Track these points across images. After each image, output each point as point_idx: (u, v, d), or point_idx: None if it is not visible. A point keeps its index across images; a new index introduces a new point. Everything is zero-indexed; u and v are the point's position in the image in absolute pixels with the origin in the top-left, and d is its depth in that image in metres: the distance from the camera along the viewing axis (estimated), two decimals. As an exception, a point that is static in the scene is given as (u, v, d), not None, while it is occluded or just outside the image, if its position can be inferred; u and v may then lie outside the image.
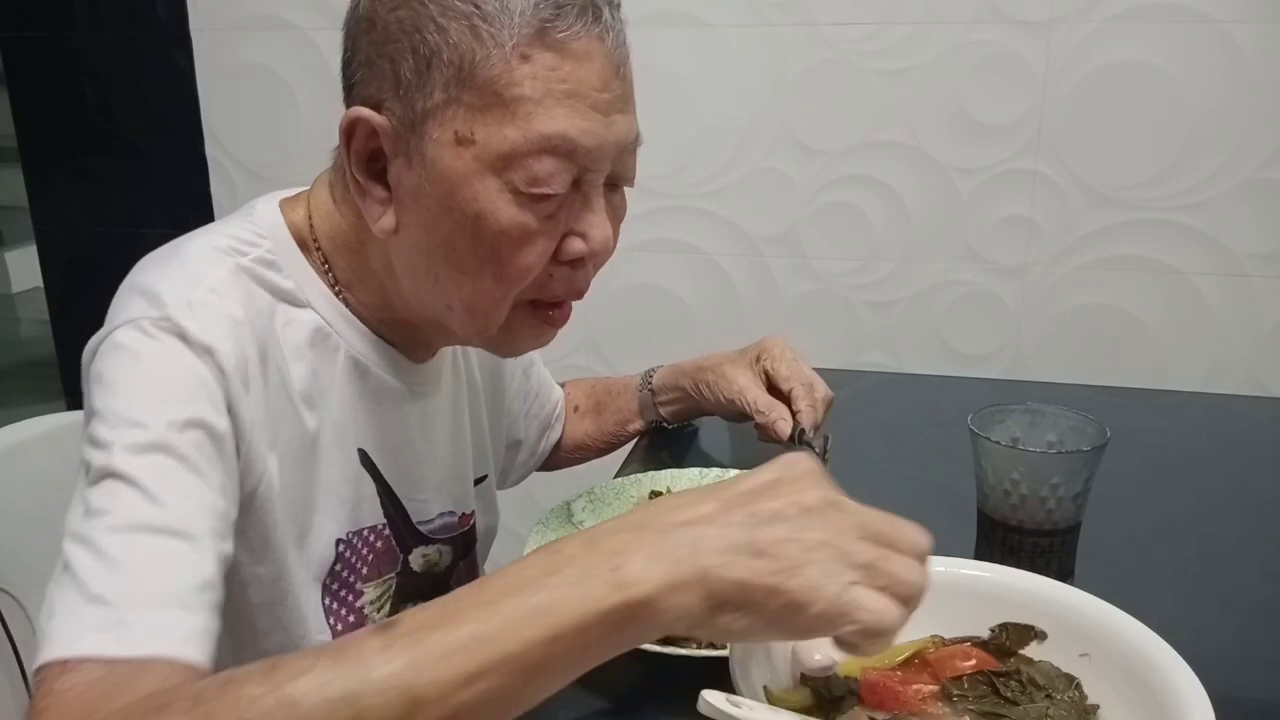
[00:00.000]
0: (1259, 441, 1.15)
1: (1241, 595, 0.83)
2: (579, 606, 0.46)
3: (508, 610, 0.46)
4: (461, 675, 0.45)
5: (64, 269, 2.04)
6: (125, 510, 0.57)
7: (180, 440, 0.60)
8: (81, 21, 1.88)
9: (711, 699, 0.52)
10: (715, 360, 1.04)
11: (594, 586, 0.46)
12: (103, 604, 0.53)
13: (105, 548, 0.55)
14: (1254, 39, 1.45)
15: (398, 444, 0.80)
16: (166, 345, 0.63)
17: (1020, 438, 0.85)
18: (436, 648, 0.45)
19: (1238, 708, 0.56)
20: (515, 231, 0.67)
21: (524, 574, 0.47)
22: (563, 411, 1.11)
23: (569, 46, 0.65)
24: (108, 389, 0.62)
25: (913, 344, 1.70)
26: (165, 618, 0.54)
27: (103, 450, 0.59)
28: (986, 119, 1.57)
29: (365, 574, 0.79)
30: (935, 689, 0.61)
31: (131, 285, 0.67)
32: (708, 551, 0.47)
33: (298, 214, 0.75)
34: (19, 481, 0.94)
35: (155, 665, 0.52)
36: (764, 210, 1.69)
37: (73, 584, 0.54)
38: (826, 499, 0.50)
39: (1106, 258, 1.59)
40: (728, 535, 0.47)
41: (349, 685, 0.44)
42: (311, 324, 0.73)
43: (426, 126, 0.66)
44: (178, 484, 0.59)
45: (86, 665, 0.51)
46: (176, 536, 0.57)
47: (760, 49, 1.61)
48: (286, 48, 1.79)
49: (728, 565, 0.47)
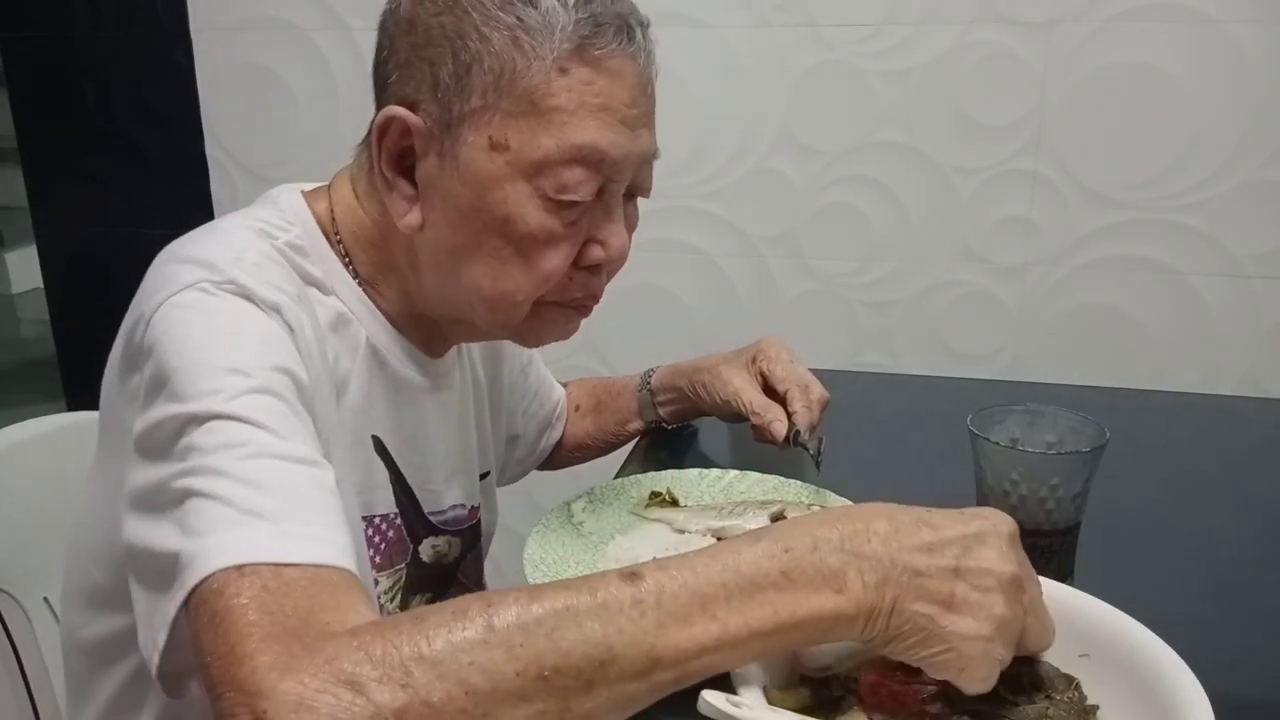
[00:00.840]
0: (1259, 441, 1.15)
1: (1241, 595, 0.83)
2: (801, 611, 0.52)
3: (742, 595, 0.51)
4: (696, 646, 0.50)
5: (64, 269, 2.03)
6: (251, 442, 0.57)
7: (279, 384, 0.61)
8: (81, 21, 1.89)
9: (711, 699, 0.52)
10: (712, 361, 1.04)
11: (817, 600, 0.52)
12: (258, 517, 0.53)
13: (242, 473, 0.55)
14: (1254, 39, 1.45)
15: (412, 434, 0.81)
16: (235, 303, 0.64)
17: (1019, 438, 0.85)
18: (681, 616, 0.50)
19: (1238, 708, 0.56)
20: (542, 235, 0.69)
21: (760, 564, 0.52)
22: (564, 411, 1.11)
23: (605, 63, 0.67)
24: (183, 346, 0.61)
25: (912, 344, 1.70)
26: (322, 531, 0.54)
27: (199, 399, 0.58)
28: (986, 119, 1.57)
29: (378, 563, 0.80)
30: (935, 689, 0.61)
31: (175, 257, 0.67)
32: (911, 593, 0.53)
33: (320, 206, 0.76)
34: (19, 481, 0.94)
35: (327, 573, 0.52)
36: (763, 210, 1.69)
37: (215, 504, 0.54)
38: (1017, 577, 0.55)
39: (1106, 258, 1.59)
40: (932, 586, 0.53)
41: (606, 631, 0.49)
42: (336, 310, 0.74)
43: (462, 129, 0.68)
44: (289, 423, 0.60)
45: (264, 570, 0.51)
46: (306, 463, 0.58)
47: (760, 49, 1.61)
48: (286, 48, 1.79)
49: (921, 614, 0.53)
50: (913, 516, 0.55)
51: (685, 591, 0.51)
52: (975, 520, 0.56)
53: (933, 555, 0.54)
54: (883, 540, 0.54)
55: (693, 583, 0.51)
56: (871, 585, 0.52)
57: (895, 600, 0.53)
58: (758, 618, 0.51)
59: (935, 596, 0.53)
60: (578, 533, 0.88)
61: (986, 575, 0.54)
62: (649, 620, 0.50)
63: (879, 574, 0.53)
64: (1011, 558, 0.55)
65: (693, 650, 0.50)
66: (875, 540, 0.54)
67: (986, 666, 0.54)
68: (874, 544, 0.53)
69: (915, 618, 0.53)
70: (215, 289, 0.64)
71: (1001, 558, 0.55)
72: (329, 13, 1.75)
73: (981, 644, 0.53)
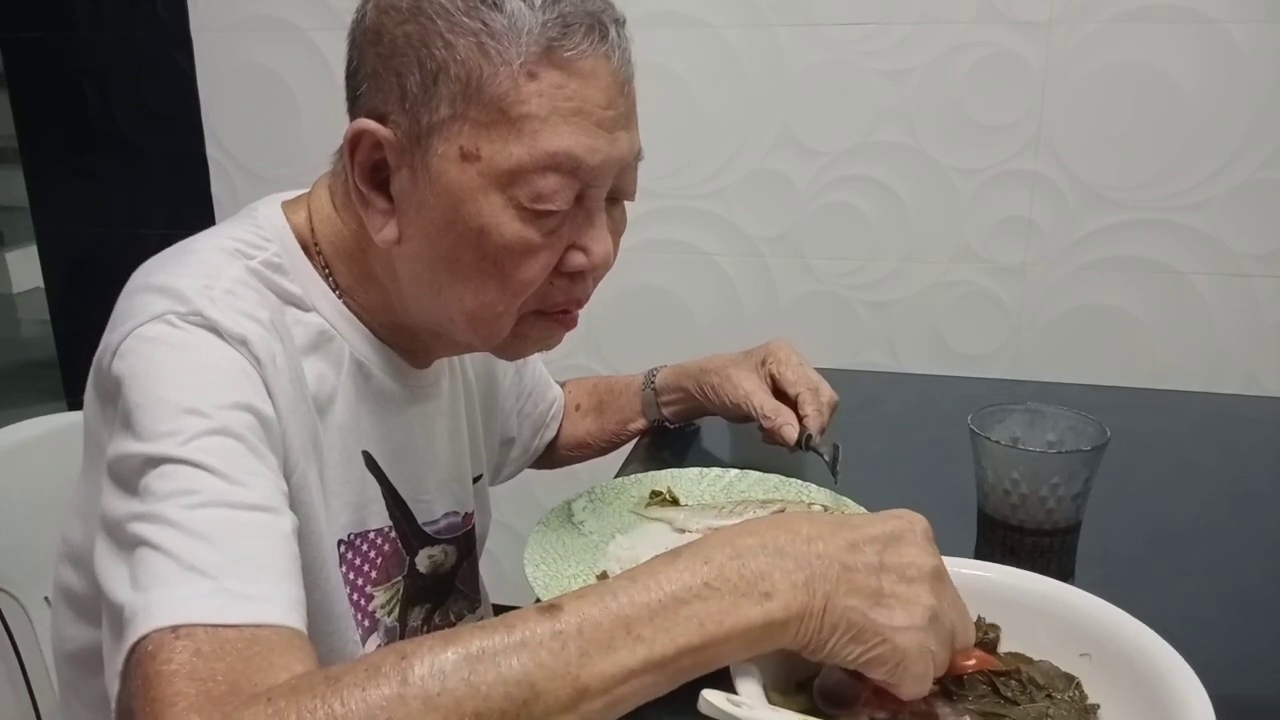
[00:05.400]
0: (1259, 441, 1.15)
1: (1241, 595, 0.83)
2: (729, 621, 0.51)
3: (665, 614, 0.51)
4: (623, 670, 0.49)
5: (64, 269, 2.04)
6: (202, 490, 0.56)
7: (237, 423, 0.60)
8: (81, 21, 1.89)
9: (712, 699, 0.52)
10: (719, 362, 1.03)
11: (745, 607, 0.52)
12: (201, 574, 0.53)
13: (188, 524, 0.54)
14: (1254, 39, 1.45)
15: (400, 446, 0.80)
16: (201, 338, 0.63)
17: (1020, 437, 0.85)
18: (602, 642, 0.49)
19: (1238, 708, 0.56)
20: (518, 246, 0.67)
21: (681, 579, 0.52)
22: (559, 410, 1.11)
23: (575, 65, 0.65)
24: (146, 382, 0.60)
25: (912, 344, 1.70)
26: (265, 586, 0.54)
27: (155, 441, 0.58)
28: (986, 119, 1.57)
29: (375, 578, 0.79)
30: (935, 689, 0.61)
31: (144, 285, 0.67)
32: (841, 589, 0.53)
33: (299, 217, 0.75)
34: (19, 481, 0.94)
35: (265, 633, 0.52)
36: (764, 210, 1.69)
37: (160, 556, 0.53)
38: (939, 569, 0.56)
39: (1106, 258, 1.59)
40: (860, 580, 0.53)
41: (526, 668, 0.48)
42: (317, 327, 0.73)
43: (431, 141, 0.66)
44: (244, 465, 0.59)
45: (199, 632, 0.51)
46: (259, 510, 0.57)
47: (760, 49, 1.61)
48: (286, 48, 1.79)
49: (854, 609, 0.53)
50: (831, 519, 0.56)
51: (607, 617, 0.50)
52: (891, 520, 0.57)
53: (856, 552, 0.54)
54: (806, 540, 0.54)
55: (614, 607, 0.50)
56: (800, 584, 0.52)
57: (827, 597, 0.52)
58: (684, 633, 0.50)
59: (864, 590, 0.53)
60: (578, 532, 0.88)
61: (910, 568, 0.55)
62: (570, 651, 0.49)
63: (806, 572, 0.53)
64: (931, 551, 0.56)
65: (620, 675, 0.49)
66: (799, 541, 0.54)
67: (922, 662, 0.54)
68: (798, 544, 0.53)
69: (848, 613, 0.53)
70: (181, 321, 0.63)
71: (921, 552, 0.56)
72: (329, 13, 1.75)
73: (915, 634, 0.54)
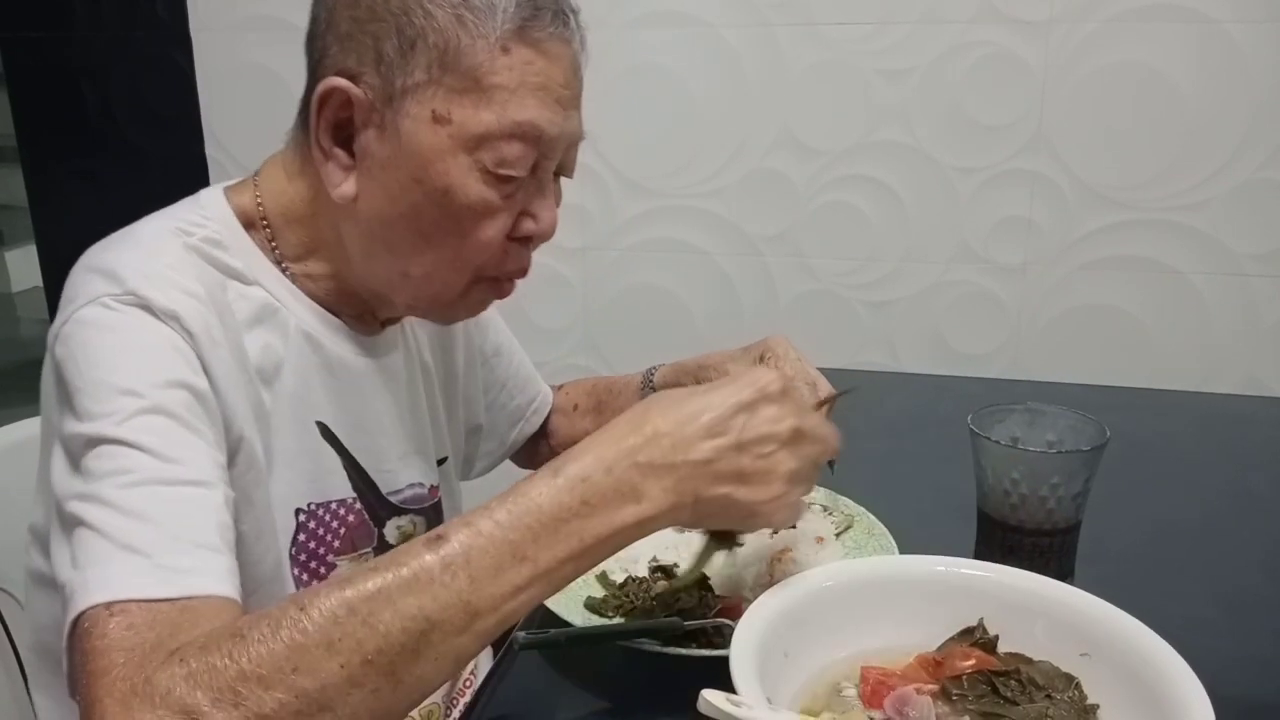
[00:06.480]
0: (1258, 441, 1.15)
1: (1241, 595, 0.83)
2: (605, 527, 0.57)
3: (546, 532, 0.56)
4: (510, 588, 0.55)
5: (64, 269, 2.03)
6: (135, 469, 0.59)
7: (169, 400, 0.63)
8: (81, 21, 1.89)
9: (712, 699, 0.52)
10: (718, 358, 1.04)
11: (619, 512, 0.58)
12: (135, 552, 0.56)
13: (123, 503, 0.57)
14: (1254, 39, 1.45)
15: (357, 416, 0.81)
16: (134, 317, 0.65)
17: (1020, 437, 0.85)
18: (490, 567, 0.54)
19: (1238, 708, 0.56)
20: (480, 206, 0.72)
21: (560, 499, 0.57)
22: (543, 407, 1.11)
23: (543, 45, 0.70)
24: (83, 364, 0.63)
25: (912, 344, 1.70)
26: (198, 559, 0.57)
27: (93, 421, 0.60)
28: (985, 119, 1.57)
29: (337, 547, 0.80)
30: (935, 689, 0.61)
31: (86, 266, 0.70)
32: (706, 481, 0.60)
33: (243, 198, 0.78)
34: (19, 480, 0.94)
35: (196, 603, 0.55)
36: (764, 210, 1.69)
37: (96, 536, 0.56)
38: (795, 428, 0.62)
39: (1106, 258, 1.59)
40: (723, 467, 0.60)
41: (421, 602, 0.52)
42: (260, 300, 0.75)
43: (404, 103, 0.70)
44: (178, 439, 0.62)
45: (132, 607, 0.53)
46: (192, 485, 0.60)
47: (760, 49, 1.61)
48: (286, 48, 1.79)
49: (721, 496, 0.60)
50: (692, 405, 0.61)
51: (492, 544, 0.55)
52: (745, 388, 0.62)
53: (715, 438, 0.60)
54: (671, 443, 0.59)
55: (498, 534, 0.55)
56: (669, 488, 0.59)
57: (694, 494, 0.59)
58: (567, 547, 0.56)
59: (728, 476, 0.60)
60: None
61: (768, 441, 0.61)
62: (461, 580, 0.53)
63: (673, 476, 0.59)
64: (786, 412, 0.62)
65: (509, 592, 0.55)
66: (664, 444, 0.59)
67: (788, 511, 0.63)
68: (663, 448, 0.59)
69: (715, 500, 0.60)
70: (115, 303, 0.66)
71: (777, 418, 0.61)
72: (329, 12, 1.75)
73: (779, 502, 0.62)
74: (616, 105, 1.65)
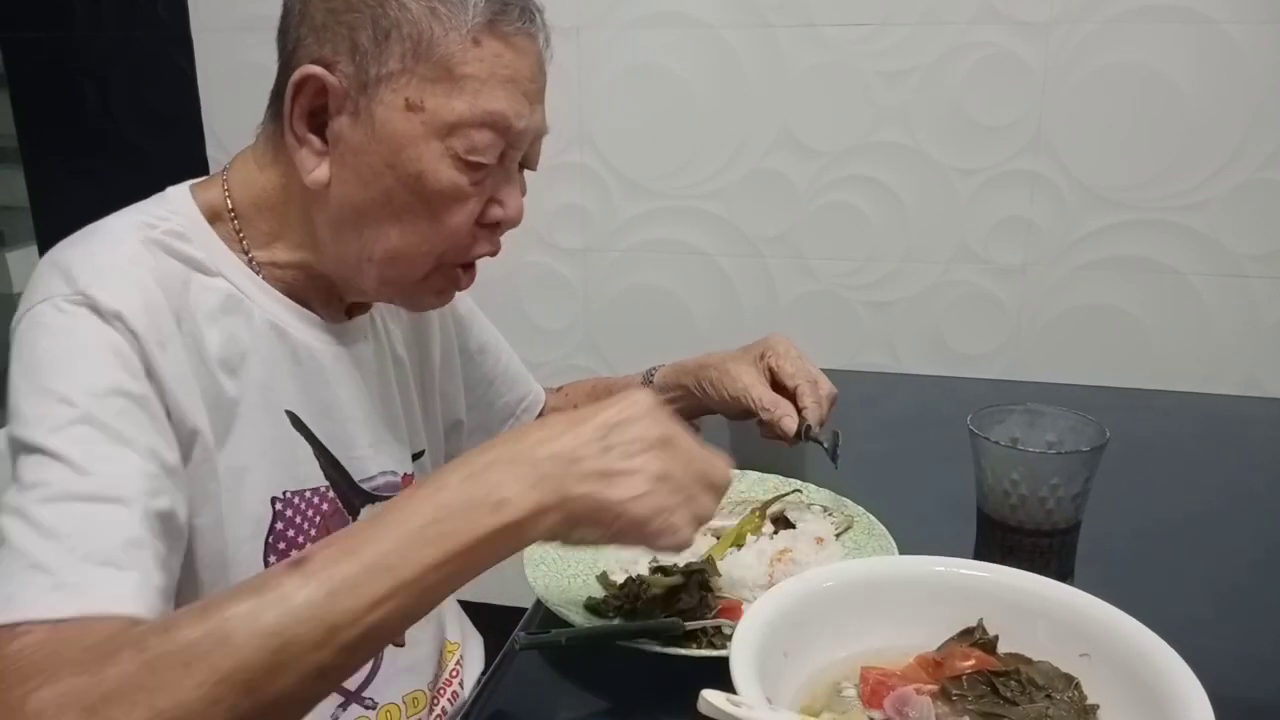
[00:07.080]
0: (1258, 441, 1.15)
1: (1241, 595, 0.83)
2: (466, 533, 0.56)
3: (405, 542, 0.55)
4: (370, 601, 0.54)
5: (64, 269, 2.04)
6: (54, 483, 0.60)
7: (102, 410, 0.64)
8: (81, 21, 1.89)
9: (712, 699, 0.52)
10: (718, 358, 1.04)
11: (480, 518, 0.56)
12: (41, 570, 0.57)
13: (38, 519, 0.59)
14: (1254, 39, 1.45)
15: (325, 403, 0.82)
16: (78, 319, 0.67)
17: (1020, 438, 0.85)
18: (347, 580, 0.54)
19: (1238, 708, 0.56)
20: (451, 191, 0.74)
21: (417, 507, 0.56)
22: (534, 405, 1.11)
23: (512, 40, 0.74)
24: (28, 367, 0.66)
25: (912, 344, 1.70)
26: (100, 577, 0.58)
27: (27, 426, 0.63)
28: (985, 119, 1.57)
29: (314, 535, 0.81)
30: (935, 689, 0.61)
31: (51, 260, 0.72)
32: (571, 480, 0.58)
33: (210, 193, 0.79)
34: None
35: (96, 622, 0.56)
36: (764, 211, 1.69)
37: (11, 555, 0.58)
38: (664, 435, 0.61)
39: (1105, 258, 1.59)
40: (586, 465, 0.58)
41: (276, 618, 0.52)
42: (224, 291, 0.76)
43: (379, 90, 0.73)
44: (101, 452, 0.62)
45: (34, 628, 0.55)
46: (104, 501, 0.61)
47: (760, 49, 1.62)
48: (286, 48, 1.79)
49: (585, 495, 0.58)
50: (569, 417, 0.61)
51: (351, 558, 0.54)
52: (616, 405, 0.61)
53: (582, 441, 0.59)
54: (536, 444, 0.59)
55: (358, 547, 0.55)
56: (532, 485, 0.57)
57: (558, 491, 0.57)
58: (428, 555, 0.55)
59: (592, 474, 0.58)
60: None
61: (635, 443, 0.60)
62: (317, 595, 0.53)
63: (537, 473, 0.57)
64: (656, 422, 0.61)
65: (369, 605, 0.54)
66: (528, 446, 0.59)
67: (660, 519, 0.59)
68: (528, 450, 0.58)
69: (581, 499, 0.58)
70: (65, 304, 0.67)
71: (647, 425, 0.61)
72: (329, 13, 1.75)
73: (647, 500, 0.59)
74: (616, 105, 1.66)
